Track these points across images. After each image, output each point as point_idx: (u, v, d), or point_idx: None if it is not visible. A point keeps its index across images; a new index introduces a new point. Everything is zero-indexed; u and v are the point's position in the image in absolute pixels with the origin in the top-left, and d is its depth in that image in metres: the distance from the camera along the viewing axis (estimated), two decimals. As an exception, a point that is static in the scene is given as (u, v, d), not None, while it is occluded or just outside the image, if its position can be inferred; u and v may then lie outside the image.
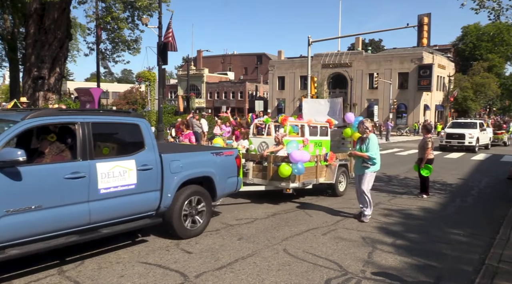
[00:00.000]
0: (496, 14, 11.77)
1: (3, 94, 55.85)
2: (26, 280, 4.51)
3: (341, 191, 9.64)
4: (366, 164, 7.23)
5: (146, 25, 19.80)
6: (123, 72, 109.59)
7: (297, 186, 8.35)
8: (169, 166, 5.72)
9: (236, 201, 8.74)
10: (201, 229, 6.25)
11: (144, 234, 6.26)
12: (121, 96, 60.52)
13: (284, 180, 8.20)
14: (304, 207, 8.47)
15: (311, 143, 9.38)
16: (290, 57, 63.45)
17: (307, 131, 9.38)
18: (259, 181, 8.58)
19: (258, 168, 8.67)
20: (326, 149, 9.81)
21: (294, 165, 7.98)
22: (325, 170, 9.20)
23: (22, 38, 23.24)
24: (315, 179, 8.90)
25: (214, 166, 6.43)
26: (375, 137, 7.36)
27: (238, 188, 7.04)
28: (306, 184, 8.67)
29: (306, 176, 8.54)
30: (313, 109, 11.24)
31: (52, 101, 18.20)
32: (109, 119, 5.51)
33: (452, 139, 22.69)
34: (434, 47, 62.92)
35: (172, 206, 5.79)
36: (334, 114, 10.74)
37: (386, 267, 5.17)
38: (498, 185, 11.90)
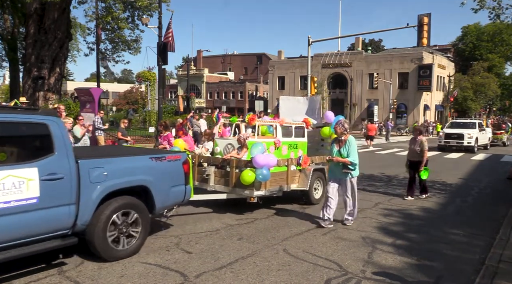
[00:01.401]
0: (496, 14, 11.78)
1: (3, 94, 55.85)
2: (26, 280, 4.51)
3: (317, 198, 8.65)
4: (348, 170, 6.67)
5: (146, 25, 19.83)
6: (123, 72, 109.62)
7: (263, 194, 7.42)
8: (88, 174, 4.79)
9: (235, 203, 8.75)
10: (135, 248, 5.31)
11: (144, 234, 6.26)
12: (121, 96, 60.60)
13: (248, 187, 7.29)
14: (304, 207, 8.47)
15: (284, 145, 8.59)
16: (290, 57, 63.43)
17: (280, 132, 8.56)
18: (221, 188, 7.68)
19: (220, 174, 7.79)
20: (302, 152, 9.01)
21: (258, 170, 7.06)
22: (298, 175, 8.27)
23: (22, 38, 23.25)
24: (285, 186, 7.93)
25: (152, 173, 5.48)
26: (354, 139, 6.87)
27: (187, 198, 6.14)
28: (275, 191, 7.78)
29: (274, 183, 7.67)
30: (291, 107, 10.33)
31: (52, 101, 18.21)
32: (6, 118, 4.39)
33: (451, 139, 22.56)
34: (434, 47, 62.92)
35: (93, 223, 4.85)
36: (313, 113, 9.92)
37: (386, 267, 5.17)
38: (498, 185, 11.91)
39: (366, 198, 9.40)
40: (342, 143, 6.76)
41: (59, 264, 4.99)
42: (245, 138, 7.93)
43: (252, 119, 8.23)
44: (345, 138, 6.78)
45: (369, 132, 25.28)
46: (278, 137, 8.47)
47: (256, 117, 8.39)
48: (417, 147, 9.30)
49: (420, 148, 9.26)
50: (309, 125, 9.32)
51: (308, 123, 9.28)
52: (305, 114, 9.84)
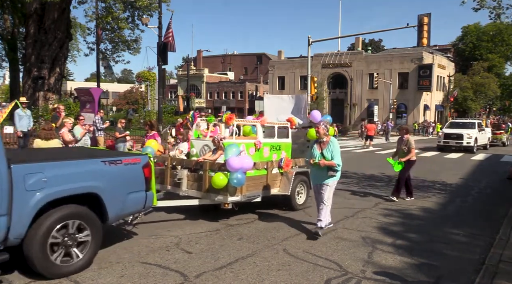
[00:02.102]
0: (497, 13, 11.79)
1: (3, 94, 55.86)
2: (26, 280, 4.51)
3: (300, 204, 8.16)
4: (333, 172, 6.27)
5: (146, 25, 19.85)
6: (123, 72, 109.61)
7: (239, 199, 6.88)
8: (23, 181, 4.23)
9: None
10: (84, 263, 4.75)
11: (144, 234, 6.26)
12: (121, 96, 60.60)
13: (222, 192, 6.77)
14: (304, 207, 8.46)
15: (265, 146, 7.97)
16: (290, 57, 63.45)
17: (261, 132, 8.01)
18: (194, 193, 7.15)
19: (193, 177, 7.26)
20: (286, 154, 8.41)
21: (232, 174, 6.54)
22: (279, 179, 7.81)
23: (22, 38, 23.26)
24: (265, 191, 7.49)
25: (104, 179, 4.93)
26: (336, 140, 6.49)
27: (149, 205, 5.65)
28: (252, 197, 7.23)
29: (252, 187, 7.14)
30: (276, 106, 9.74)
31: (52, 101, 18.21)
32: None
33: (450, 139, 22.38)
34: (434, 47, 62.91)
35: (30, 236, 4.32)
36: (299, 112, 9.33)
37: (386, 267, 5.17)
38: (498, 185, 11.91)
39: (366, 198, 9.40)
40: (324, 145, 6.34)
41: (59, 264, 4.98)
42: (219, 139, 7.28)
43: (230, 119, 7.56)
44: (327, 139, 6.37)
45: (368, 132, 25.27)
46: (259, 138, 7.90)
47: (234, 116, 7.62)
48: (404, 146, 9.18)
49: (408, 147, 9.12)
50: (293, 125, 8.74)
51: (292, 123, 8.70)
52: (291, 113, 9.27)
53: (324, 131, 6.36)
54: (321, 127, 6.38)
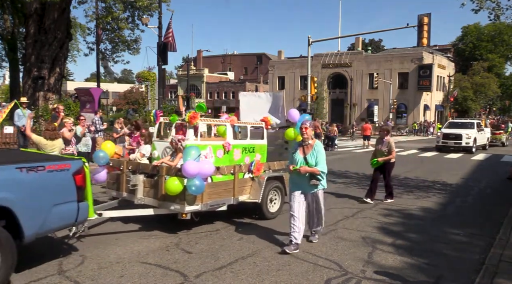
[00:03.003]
0: (496, 14, 11.79)
1: (3, 94, 55.87)
2: (26, 280, 4.51)
3: (272, 212, 7.38)
4: (316, 181, 5.50)
5: (146, 25, 19.83)
6: (123, 72, 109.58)
7: (199, 209, 6.15)
8: None
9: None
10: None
11: (144, 234, 6.26)
12: (121, 96, 60.61)
13: (179, 201, 6.06)
14: (304, 207, 8.46)
15: (236, 148, 7.35)
16: (290, 57, 63.47)
17: (230, 133, 7.35)
18: (151, 202, 6.42)
19: (149, 184, 6.51)
20: (261, 156, 7.82)
21: (189, 181, 5.82)
22: (250, 184, 7.09)
23: (22, 38, 23.25)
24: (232, 198, 6.72)
25: (18, 189, 4.20)
26: (321, 144, 5.75)
27: (82, 217, 4.95)
28: (216, 205, 6.50)
29: (216, 194, 6.45)
30: (252, 105, 8.99)
31: (52, 101, 18.20)
32: None
33: (449, 139, 22.15)
34: (434, 47, 62.94)
35: None
36: (276, 111, 8.63)
37: (386, 267, 5.17)
38: (498, 185, 11.90)
39: (366, 198, 9.40)
40: (308, 149, 5.55)
41: (59, 264, 4.99)
42: (178, 140, 6.66)
43: (193, 118, 6.77)
44: (312, 142, 5.58)
45: (365, 132, 25.36)
46: (228, 139, 7.22)
47: (198, 115, 6.87)
48: (384, 147, 8.80)
49: (388, 149, 8.78)
50: (269, 125, 8.06)
51: (268, 123, 8.00)
52: (268, 112, 8.60)
53: (311, 132, 5.64)
54: (308, 127, 5.59)
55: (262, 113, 8.50)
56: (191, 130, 6.88)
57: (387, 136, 8.91)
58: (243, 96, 9.46)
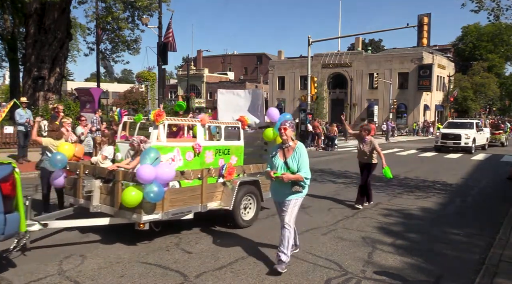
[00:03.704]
0: (496, 15, 11.80)
1: (3, 94, 55.82)
2: (26, 280, 4.51)
3: (246, 220, 6.76)
4: (299, 187, 4.82)
5: (146, 25, 19.83)
6: (123, 72, 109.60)
7: (159, 218, 5.60)
8: None
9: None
10: None
11: (144, 234, 6.26)
12: (121, 96, 60.59)
13: (136, 210, 5.45)
14: (304, 207, 8.46)
15: (208, 150, 6.76)
16: (290, 57, 63.45)
17: (201, 133, 6.75)
18: (108, 210, 5.85)
19: (106, 190, 5.91)
20: (237, 159, 7.24)
21: (147, 187, 5.24)
22: (221, 190, 6.50)
23: (22, 38, 23.26)
24: (199, 205, 6.14)
25: None
26: (304, 146, 5.00)
27: (10, 231, 4.41)
28: (180, 213, 5.92)
29: (180, 202, 5.86)
30: (230, 103, 8.34)
31: (52, 101, 18.21)
32: None
33: (448, 139, 21.93)
34: (434, 47, 62.95)
35: None
36: (255, 110, 8.00)
37: (386, 267, 5.18)
38: (498, 185, 11.91)
39: (366, 198, 9.39)
40: (289, 152, 4.86)
41: (59, 264, 4.99)
42: (140, 141, 6.11)
43: (159, 116, 6.15)
44: (293, 145, 4.88)
45: None
46: (198, 140, 6.64)
47: (164, 114, 6.27)
48: (368, 147, 8.44)
49: (371, 149, 8.41)
50: (246, 125, 7.56)
51: (244, 123, 7.50)
52: (247, 111, 8.02)
53: (292, 133, 4.89)
54: (288, 128, 4.84)
55: (241, 112, 7.95)
56: (155, 130, 6.19)
57: (368, 136, 8.52)
58: (221, 94, 8.77)
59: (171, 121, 6.76)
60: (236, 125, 7.45)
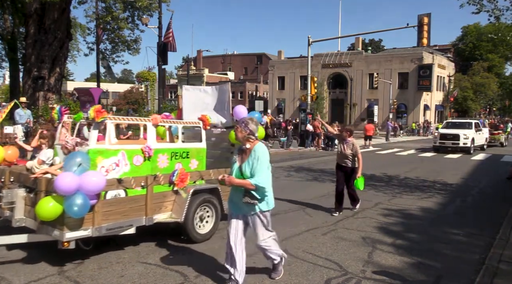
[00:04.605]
0: (496, 15, 11.81)
1: (3, 94, 55.82)
2: (26, 280, 4.51)
3: (203, 233, 5.97)
4: (252, 199, 4.11)
5: (146, 25, 19.83)
6: (123, 72, 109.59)
7: (88, 234, 4.79)
8: None
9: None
10: None
11: (144, 235, 6.26)
12: (121, 96, 60.60)
13: (57, 225, 4.67)
14: (304, 207, 8.47)
15: (162, 153, 5.89)
16: (290, 57, 63.48)
17: (152, 135, 5.88)
18: (32, 224, 5.02)
19: (31, 201, 5.05)
20: (199, 163, 6.38)
21: (68, 200, 4.46)
22: (172, 199, 5.76)
23: (22, 38, 23.24)
24: (143, 218, 5.38)
25: None
26: (264, 149, 4.24)
27: None
28: (117, 228, 5.12)
29: (118, 215, 5.07)
30: (196, 100, 7.48)
31: (52, 101, 18.20)
32: None
33: (446, 139, 21.64)
34: (434, 47, 62.97)
35: None
36: (222, 109, 7.19)
37: (386, 267, 5.18)
38: (498, 185, 11.91)
39: (366, 198, 9.39)
40: (245, 156, 4.23)
41: (59, 264, 4.99)
42: (73, 144, 5.47)
43: (99, 114, 5.25)
44: (250, 146, 4.20)
45: (367, 133, 25.44)
46: (148, 142, 5.77)
47: (105, 112, 5.41)
48: (349, 150, 7.80)
49: (353, 152, 7.78)
50: (208, 125, 6.64)
51: (206, 122, 6.60)
52: (213, 109, 7.24)
53: (245, 133, 4.17)
54: (240, 128, 4.20)
55: (207, 110, 7.14)
56: (95, 130, 5.31)
57: (350, 137, 7.95)
58: (186, 90, 7.75)
59: (117, 120, 5.85)
60: (197, 125, 6.55)
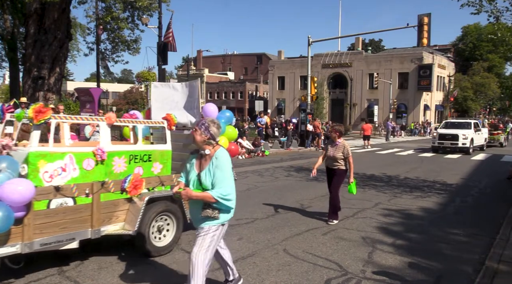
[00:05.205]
0: (496, 16, 11.82)
1: (3, 94, 55.82)
2: (26, 280, 4.51)
3: (160, 246, 5.38)
4: (211, 211, 3.55)
5: (146, 25, 19.84)
6: (123, 72, 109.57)
7: (16, 251, 4.28)
8: None
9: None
10: None
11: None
12: (121, 96, 60.63)
13: None
14: (304, 207, 8.47)
15: (118, 156, 5.22)
16: (290, 57, 63.49)
17: (106, 136, 5.19)
18: None
19: None
20: (163, 167, 5.72)
21: None
22: (125, 208, 5.21)
23: (22, 38, 23.24)
24: (89, 230, 4.85)
25: None
26: (226, 154, 3.64)
27: None
28: (55, 243, 4.57)
29: (57, 227, 4.56)
30: (166, 98, 6.86)
31: (52, 101, 18.20)
32: None
33: (445, 140, 21.39)
34: (434, 47, 62.98)
35: None
36: (192, 107, 6.52)
37: (386, 267, 5.17)
38: (498, 185, 11.91)
39: (366, 198, 9.40)
40: (206, 162, 3.63)
41: (59, 264, 4.99)
42: (1, 147, 4.85)
43: (39, 114, 4.55)
44: (211, 153, 3.60)
45: (365, 132, 25.42)
46: (101, 144, 5.09)
47: (48, 110, 4.66)
48: (339, 153, 7.19)
49: (344, 155, 7.20)
50: (173, 125, 5.91)
51: (171, 122, 5.89)
52: (183, 107, 6.62)
53: (205, 137, 3.56)
54: (199, 131, 3.56)
55: (177, 108, 6.56)
56: (36, 132, 4.65)
57: (340, 138, 7.30)
58: (155, 87, 7.16)
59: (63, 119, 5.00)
60: (161, 124, 5.89)
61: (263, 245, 5.88)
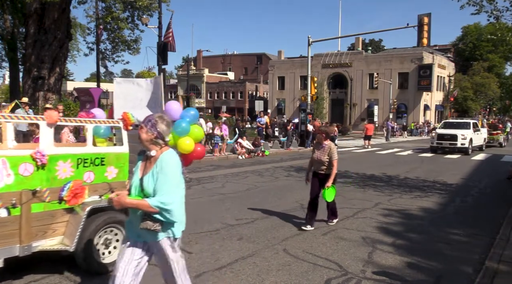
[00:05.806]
0: (495, 16, 11.83)
1: (3, 94, 55.82)
2: (26, 280, 4.51)
3: (108, 262, 4.72)
4: (152, 223, 2.97)
5: (146, 25, 19.85)
6: (123, 72, 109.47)
7: None
8: None
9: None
10: None
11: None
12: (121, 96, 60.55)
13: None
14: (304, 207, 8.46)
15: (63, 160, 4.56)
16: (290, 57, 63.50)
17: (48, 137, 4.54)
18: None
19: None
20: (119, 171, 5.04)
21: None
22: (65, 220, 4.59)
23: (22, 38, 23.24)
24: (17, 246, 4.24)
25: None
26: (174, 157, 3.06)
27: None
28: None
29: None
30: (129, 95, 6.24)
31: (52, 101, 18.21)
32: None
33: (444, 140, 21.24)
34: (434, 47, 62.98)
35: None
36: (155, 105, 5.98)
37: (386, 267, 5.17)
38: (498, 185, 11.91)
39: (366, 198, 9.40)
40: (150, 165, 3.07)
41: (59, 264, 4.98)
42: None
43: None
44: (156, 154, 3.06)
45: (367, 132, 25.45)
46: (41, 147, 4.44)
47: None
48: (325, 156, 6.77)
49: (329, 157, 6.73)
50: (130, 125, 5.19)
51: (128, 121, 5.19)
52: (147, 106, 6.07)
53: (151, 136, 3.03)
54: (144, 128, 3.05)
55: (141, 106, 6.01)
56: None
57: (326, 140, 6.88)
58: (118, 83, 6.53)
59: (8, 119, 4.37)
60: (115, 124, 5.21)
61: (263, 245, 5.88)
